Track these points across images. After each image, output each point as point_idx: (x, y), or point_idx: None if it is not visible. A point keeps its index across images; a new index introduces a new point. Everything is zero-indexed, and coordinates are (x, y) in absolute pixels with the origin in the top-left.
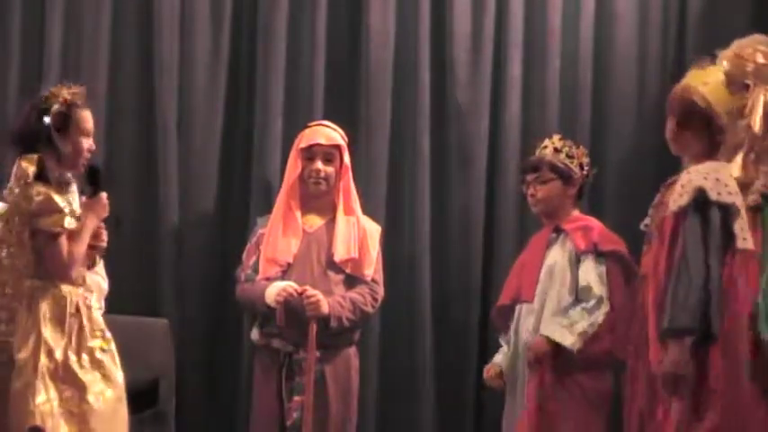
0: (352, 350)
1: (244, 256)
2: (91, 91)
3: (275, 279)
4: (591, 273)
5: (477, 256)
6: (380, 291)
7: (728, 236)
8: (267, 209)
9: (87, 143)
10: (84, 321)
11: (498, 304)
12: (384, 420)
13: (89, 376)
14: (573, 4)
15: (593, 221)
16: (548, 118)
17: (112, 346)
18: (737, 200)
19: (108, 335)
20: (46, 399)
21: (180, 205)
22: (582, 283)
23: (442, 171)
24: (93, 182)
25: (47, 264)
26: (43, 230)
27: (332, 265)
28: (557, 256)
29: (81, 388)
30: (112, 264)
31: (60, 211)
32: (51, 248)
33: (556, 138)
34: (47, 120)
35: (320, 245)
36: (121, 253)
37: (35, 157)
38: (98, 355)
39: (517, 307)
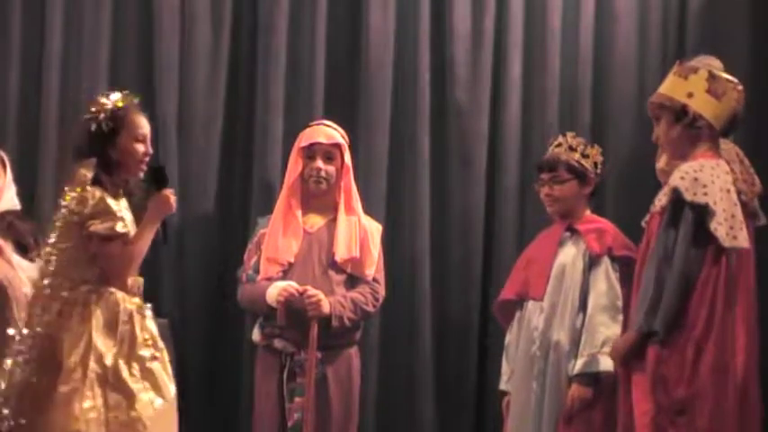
0: (354, 350)
1: (245, 256)
2: (91, 90)
3: (276, 279)
4: (604, 278)
5: (477, 256)
6: (382, 290)
7: (707, 237)
8: (267, 208)
9: (142, 148)
10: (137, 330)
11: (502, 299)
12: (384, 420)
13: (138, 385)
14: (573, 5)
15: (607, 224)
16: (547, 118)
17: (165, 355)
18: (717, 199)
19: (160, 344)
20: (92, 405)
21: (180, 205)
22: (595, 288)
23: (442, 171)
24: (157, 180)
25: (102, 267)
26: (97, 234)
27: (333, 264)
28: (569, 256)
29: (129, 396)
30: None
31: (114, 214)
32: (105, 251)
33: (570, 135)
34: (95, 129)
35: (321, 245)
36: None
37: (92, 162)
38: (148, 364)
39: (524, 303)
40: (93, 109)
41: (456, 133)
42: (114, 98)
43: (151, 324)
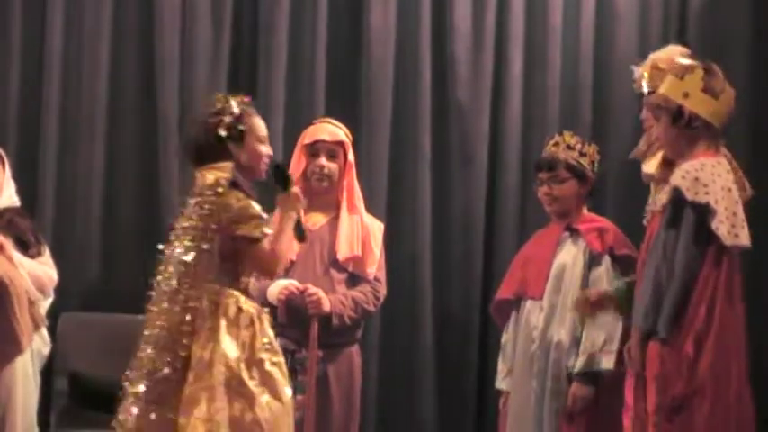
0: (355, 349)
1: None
2: (91, 89)
3: (278, 277)
4: (605, 277)
5: (478, 254)
6: (383, 289)
7: (708, 236)
8: (267, 207)
9: (265, 149)
10: (257, 334)
11: (499, 298)
12: (385, 418)
13: (258, 388)
14: (573, 3)
15: (607, 222)
16: (548, 116)
17: (281, 358)
18: (718, 198)
19: (276, 347)
20: (221, 407)
21: (181, 204)
22: (595, 287)
23: (443, 169)
24: (280, 179)
25: (253, 267)
26: (245, 237)
27: (334, 263)
28: (569, 255)
29: (250, 398)
30: (112, 263)
31: (259, 217)
32: (255, 252)
33: (567, 134)
34: (222, 132)
35: (323, 243)
36: (121, 252)
37: (227, 165)
38: (267, 368)
39: (522, 302)
40: (215, 113)
41: (457, 132)
42: (233, 101)
43: (269, 328)
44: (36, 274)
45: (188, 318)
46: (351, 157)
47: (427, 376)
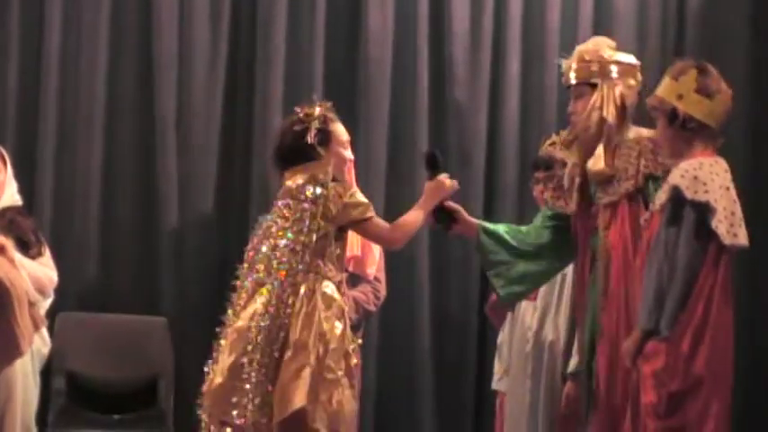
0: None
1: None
2: (89, 88)
3: None
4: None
5: (476, 255)
6: (383, 289)
7: (708, 234)
8: (266, 206)
9: (348, 153)
10: (347, 327)
11: (495, 298)
12: (383, 418)
13: (344, 379)
14: (572, 3)
15: None
16: (546, 116)
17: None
18: (717, 197)
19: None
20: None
21: (179, 202)
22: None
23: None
24: (433, 164)
25: (377, 241)
26: (357, 220)
27: None
28: None
29: (338, 388)
30: (110, 262)
31: (365, 203)
32: (372, 228)
33: (564, 133)
34: (309, 138)
35: None
36: (119, 251)
37: (322, 164)
38: (351, 361)
39: (517, 303)
40: (300, 120)
41: (455, 131)
42: (318, 108)
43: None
44: (36, 275)
45: (289, 303)
46: (350, 155)
47: (425, 377)
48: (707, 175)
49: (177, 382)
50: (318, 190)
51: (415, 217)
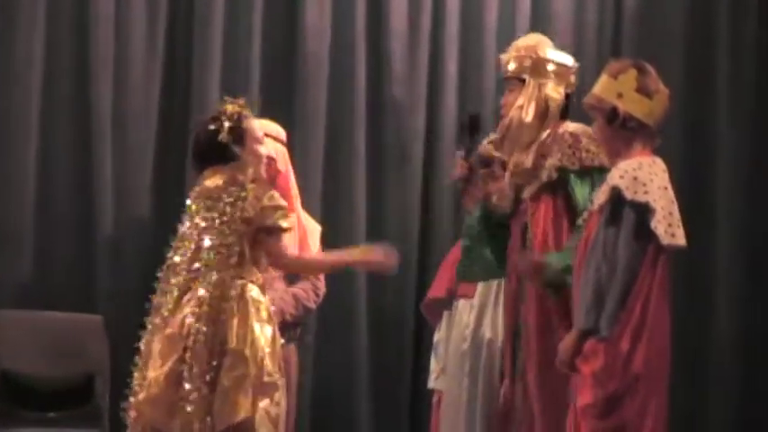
0: (292, 347)
1: None
2: (24, 85)
3: None
4: None
5: (413, 252)
6: (322, 287)
7: (647, 234)
8: None
9: (263, 150)
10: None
11: (431, 296)
12: (320, 416)
13: (281, 381)
14: (509, 3)
15: None
16: (483, 114)
17: None
18: (657, 197)
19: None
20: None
21: (115, 202)
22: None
23: (379, 166)
24: (472, 128)
25: (269, 255)
26: (272, 227)
27: None
28: None
29: (276, 391)
30: (46, 260)
31: (283, 207)
32: (275, 243)
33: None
34: (222, 136)
35: None
36: (56, 249)
37: (240, 164)
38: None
39: (454, 301)
40: (214, 118)
41: (392, 129)
42: (231, 106)
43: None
44: None
45: (220, 312)
46: (281, 165)
47: (362, 375)
48: (646, 176)
49: (113, 380)
50: (237, 192)
51: (329, 263)
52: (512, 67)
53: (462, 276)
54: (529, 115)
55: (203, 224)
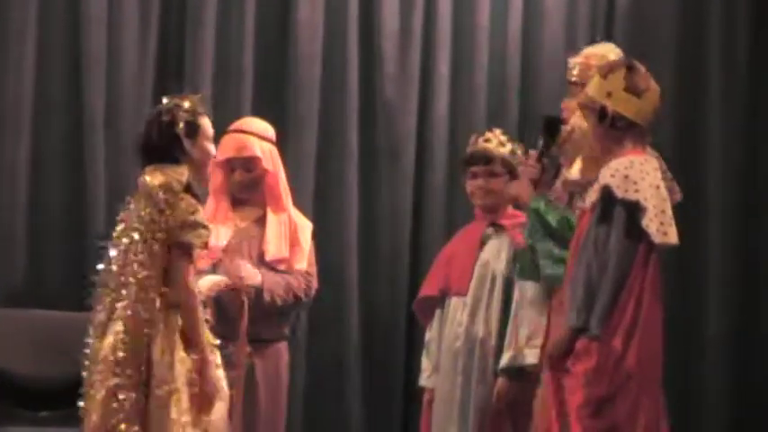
0: (283, 345)
1: None
2: (16, 84)
3: (205, 272)
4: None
5: (405, 252)
6: (315, 283)
7: (638, 233)
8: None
9: (213, 148)
10: (209, 335)
11: (423, 295)
12: (312, 414)
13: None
14: (501, 2)
15: None
16: (476, 115)
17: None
18: (648, 195)
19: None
20: (186, 408)
21: (108, 201)
22: (519, 281)
23: (370, 166)
24: (551, 131)
25: (173, 276)
26: (184, 243)
27: (263, 261)
28: (493, 251)
29: (208, 401)
30: (39, 259)
31: (204, 227)
32: (181, 267)
33: (498, 132)
34: (177, 130)
35: (250, 239)
36: (48, 248)
37: (181, 169)
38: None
39: (447, 300)
40: (168, 110)
41: (384, 129)
42: (186, 99)
43: (208, 331)
44: None
45: (144, 320)
46: (269, 165)
47: (354, 373)
48: (637, 174)
49: None
50: (168, 198)
51: (197, 329)
52: (575, 72)
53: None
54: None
55: (133, 225)
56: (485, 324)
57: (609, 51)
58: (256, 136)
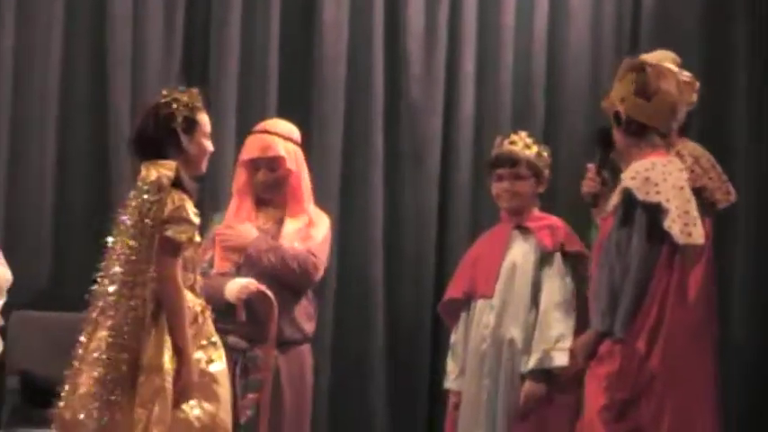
0: (307, 348)
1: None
2: (42, 85)
3: (229, 274)
4: (556, 274)
5: (430, 253)
6: (317, 263)
7: (661, 235)
8: (217, 205)
9: (209, 145)
10: (199, 333)
11: (448, 297)
12: (337, 415)
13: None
14: (526, 1)
15: (557, 221)
16: (501, 114)
17: (221, 352)
18: (670, 197)
19: (219, 344)
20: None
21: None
22: (547, 284)
23: (395, 167)
24: (605, 142)
25: (157, 269)
26: (169, 239)
27: None
28: (519, 253)
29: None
30: (64, 262)
31: (190, 222)
32: (167, 263)
33: (523, 134)
34: (174, 124)
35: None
36: (72, 250)
37: (171, 163)
38: (202, 365)
39: (473, 302)
40: (166, 104)
41: (409, 130)
42: (183, 94)
43: (211, 325)
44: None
45: (135, 316)
46: (293, 165)
47: (379, 376)
48: (659, 176)
49: None
50: (155, 195)
51: (181, 327)
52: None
53: None
54: None
55: (127, 222)
56: (513, 326)
57: (663, 57)
58: (281, 137)
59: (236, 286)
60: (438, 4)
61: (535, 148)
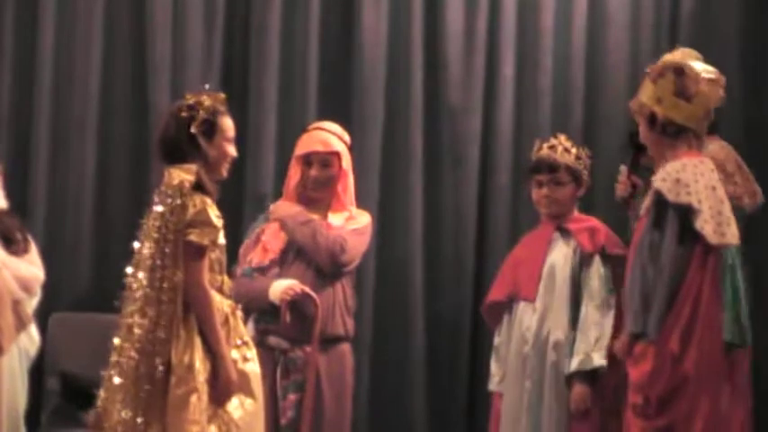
0: (347, 347)
1: (241, 251)
2: (83, 92)
3: (268, 270)
4: (596, 276)
5: (470, 255)
6: (344, 246)
7: (693, 235)
8: (259, 209)
9: (232, 150)
10: (231, 332)
11: (491, 300)
12: (377, 416)
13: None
14: (565, 4)
15: (598, 223)
16: (540, 118)
17: (253, 352)
18: (702, 197)
19: (250, 342)
20: (205, 407)
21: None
22: (587, 286)
23: (435, 170)
24: (637, 146)
25: (185, 273)
26: (191, 243)
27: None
28: (560, 255)
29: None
30: (103, 264)
31: (212, 225)
32: (193, 267)
33: (562, 137)
34: (194, 128)
35: None
36: (112, 252)
37: (192, 167)
38: (240, 366)
39: (515, 304)
40: (188, 107)
41: (448, 133)
42: (206, 98)
43: (242, 325)
44: (20, 273)
45: (164, 318)
46: (345, 164)
47: (419, 376)
48: (690, 177)
49: None
50: (177, 199)
51: (214, 329)
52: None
53: None
54: None
55: (151, 225)
56: (556, 328)
57: (685, 54)
58: (337, 136)
59: (281, 287)
60: (477, 7)
61: (574, 152)
